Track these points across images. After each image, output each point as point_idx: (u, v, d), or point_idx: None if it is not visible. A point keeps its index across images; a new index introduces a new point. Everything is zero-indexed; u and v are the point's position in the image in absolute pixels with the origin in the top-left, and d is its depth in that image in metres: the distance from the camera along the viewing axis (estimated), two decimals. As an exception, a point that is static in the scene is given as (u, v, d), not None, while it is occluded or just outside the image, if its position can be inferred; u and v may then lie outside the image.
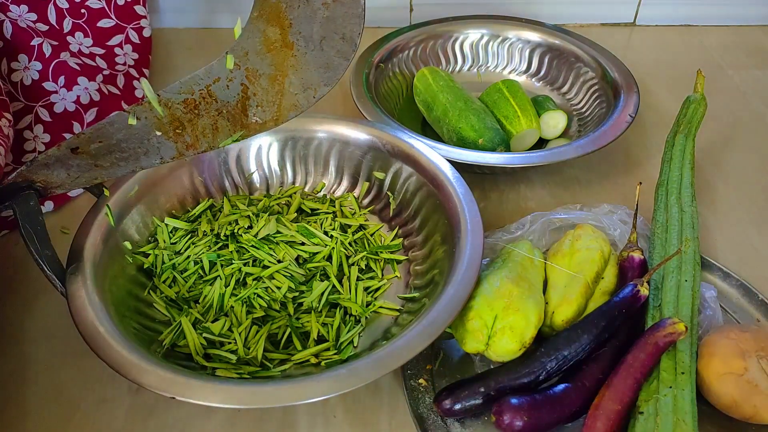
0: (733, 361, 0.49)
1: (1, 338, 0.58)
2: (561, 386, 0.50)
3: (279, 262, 0.59)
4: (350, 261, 0.61)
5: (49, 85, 0.71)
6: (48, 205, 0.70)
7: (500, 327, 0.51)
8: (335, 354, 0.54)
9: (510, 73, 0.90)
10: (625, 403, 0.48)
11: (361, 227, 0.65)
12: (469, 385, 0.50)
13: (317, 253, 0.60)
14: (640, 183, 0.62)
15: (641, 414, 0.47)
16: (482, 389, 0.50)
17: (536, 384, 0.51)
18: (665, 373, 0.49)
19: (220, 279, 0.57)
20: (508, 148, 0.73)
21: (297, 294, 0.57)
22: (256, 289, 0.57)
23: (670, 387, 0.48)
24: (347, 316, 0.57)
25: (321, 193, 0.69)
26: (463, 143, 0.73)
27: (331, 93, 0.56)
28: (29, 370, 0.56)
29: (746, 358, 0.49)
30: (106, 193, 0.59)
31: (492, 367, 0.54)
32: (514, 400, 0.48)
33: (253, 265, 0.59)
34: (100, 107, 0.75)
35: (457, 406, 0.50)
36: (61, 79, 0.72)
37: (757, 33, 1.04)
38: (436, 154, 0.64)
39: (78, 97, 0.73)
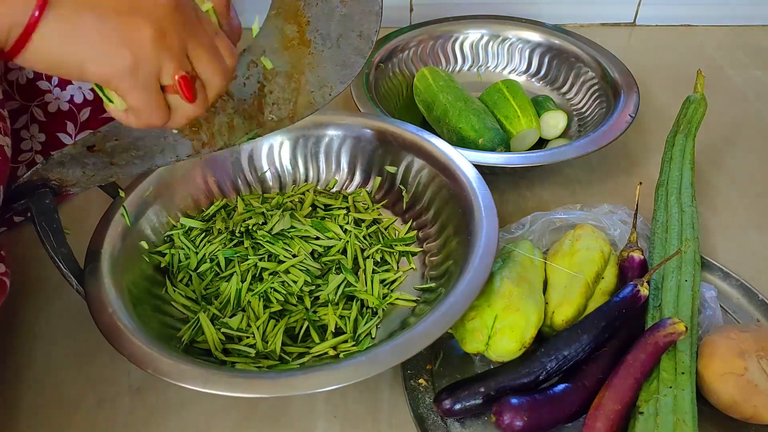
0: (733, 361, 0.49)
1: (1, 339, 0.58)
2: (561, 386, 0.50)
3: (294, 256, 0.59)
4: (365, 254, 0.61)
5: (43, 84, 0.71)
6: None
7: (500, 327, 0.51)
8: (353, 346, 0.54)
9: (510, 73, 0.90)
10: (625, 403, 0.48)
11: (375, 221, 0.65)
12: (469, 385, 0.50)
13: (332, 246, 0.61)
14: (640, 183, 0.62)
15: (641, 414, 0.47)
16: (482, 389, 0.50)
17: (536, 384, 0.51)
18: (665, 373, 0.49)
19: (237, 275, 0.57)
20: (508, 148, 0.73)
21: (313, 287, 0.58)
22: (273, 283, 0.57)
23: (670, 387, 0.48)
24: (364, 308, 0.57)
25: (334, 190, 0.69)
26: (463, 143, 0.73)
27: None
28: (29, 371, 0.56)
29: (746, 358, 0.49)
30: (122, 194, 0.59)
31: (492, 367, 0.54)
32: (514, 400, 0.48)
33: (268, 261, 0.59)
34: (93, 107, 0.75)
35: (457, 406, 0.50)
36: (55, 79, 0.72)
37: (757, 33, 1.04)
38: (446, 144, 0.64)
39: (72, 96, 0.73)
